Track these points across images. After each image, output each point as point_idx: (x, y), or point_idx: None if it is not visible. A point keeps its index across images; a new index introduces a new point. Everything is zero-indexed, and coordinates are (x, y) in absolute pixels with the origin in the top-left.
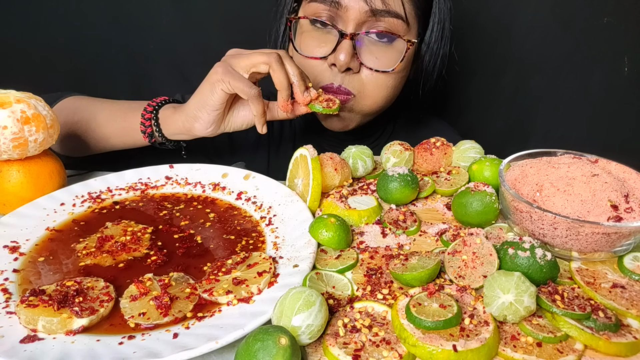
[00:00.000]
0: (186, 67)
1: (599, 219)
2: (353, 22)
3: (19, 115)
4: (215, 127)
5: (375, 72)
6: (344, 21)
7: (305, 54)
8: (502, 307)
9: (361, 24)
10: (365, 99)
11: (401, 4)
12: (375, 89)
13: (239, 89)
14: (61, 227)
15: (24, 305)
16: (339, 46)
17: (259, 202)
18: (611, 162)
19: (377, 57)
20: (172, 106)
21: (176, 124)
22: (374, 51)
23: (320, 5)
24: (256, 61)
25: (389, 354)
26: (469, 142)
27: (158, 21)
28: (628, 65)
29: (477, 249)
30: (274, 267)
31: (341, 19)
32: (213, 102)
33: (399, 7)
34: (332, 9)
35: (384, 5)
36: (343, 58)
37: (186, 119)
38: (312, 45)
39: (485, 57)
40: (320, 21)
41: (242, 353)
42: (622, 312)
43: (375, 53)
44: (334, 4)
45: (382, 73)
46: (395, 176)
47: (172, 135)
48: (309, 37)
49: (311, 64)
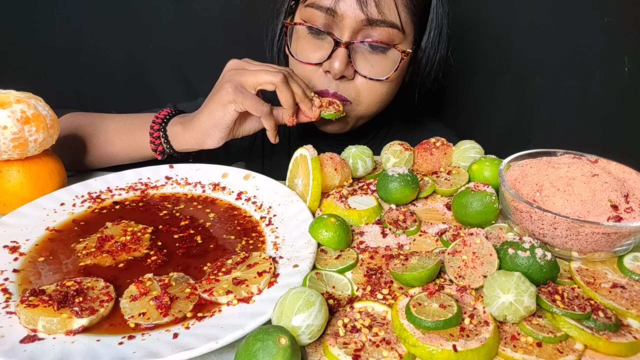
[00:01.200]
0: (186, 67)
1: (599, 219)
2: (349, 31)
3: (19, 115)
4: (226, 138)
5: (369, 80)
6: (340, 29)
7: (301, 59)
8: (502, 307)
9: (356, 32)
10: (360, 105)
11: (397, 13)
12: (369, 95)
13: (251, 108)
14: (61, 227)
15: (24, 305)
16: (334, 54)
17: (259, 202)
18: (611, 162)
19: (372, 65)
20: (179, 121)
21: (188, 141)
22: (369, 59)
23: (317, 11)
24: (263, 80)
25: (389, 354)
26: (469, 142)
27: (158, 20)
28: (628, 65)
29: (477, 249)
30: (274, 267)
31: (337, 26)
32: (226, 121)
33: (394, 16)
34: (328, 17)
35: (380, 15)
36: (337, 66)
37: (198, 137)
38: (308, 51)
39: (486, 57)
40: (316, 29)
41: (242, 353)
42: (622, 312)
43: (370, 61)
44: (330, 12)
45: (376, 81)
46: (395, 176)
47: (182, 149)
48: (304, 42)
49: (306, 69)
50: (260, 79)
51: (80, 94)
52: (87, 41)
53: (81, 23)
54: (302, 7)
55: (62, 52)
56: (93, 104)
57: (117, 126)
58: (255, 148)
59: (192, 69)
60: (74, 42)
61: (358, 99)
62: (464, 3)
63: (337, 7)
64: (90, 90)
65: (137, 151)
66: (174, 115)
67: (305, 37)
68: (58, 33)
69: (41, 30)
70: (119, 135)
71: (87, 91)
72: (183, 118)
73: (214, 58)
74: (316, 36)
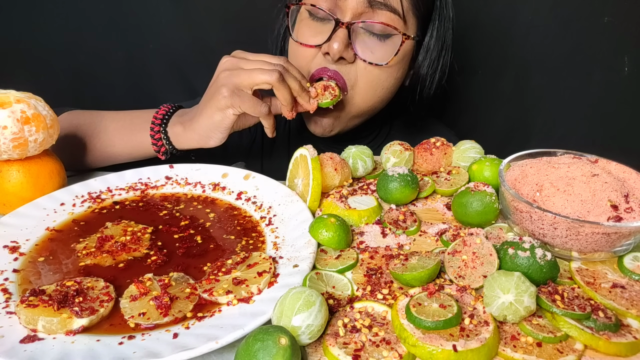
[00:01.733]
0: (185, 66)
1: (599, 219)
2: (350, 12)
3: (19, 115)
4: (227, 136)
5: (369, 66)
6: (342, 10)
7: (302, 41)
8: (502, 307)
9: (358, 15)
10: (355, 96)
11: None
12: (367, 84)
13: (250, 110)
14: (61, 227)
15: (24, 305)
16: (333, 34)
17: (259, 202)
18: (611, 162)
19: (372, 50)
20: (179, 121)
21: (190, 142)
22: (369, 44)
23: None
24: (259, 81)
25: (389, 354)
26: (469, 142)
27: (157, 20)
28: (628, 65)
29: (477, 249)
30: (274, 267)
31: (339, 8)
32: (225, 124)
33: (396, 2)
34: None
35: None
36: (337, 46)
37: (200, 138)
38: (308, 34)
39: (486, 56)
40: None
41: (242, 353)
42: (622, 312)
43: (370, 46)
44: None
45: (376, 67)
46: (395, 176)
47: (185, 148)
48: (305, 25)
49: (305, 53)
50: (256, 80)
51: (80, 93)
52: (87, 41)
53: (81, 23)
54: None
55: (62, 51)
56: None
57: (117, 126)
58: (255, 148)
59: (192, 68)
60: (74, 41)
61: (355, 87)
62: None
63: None
64: (90, 90)
65: (139, 151)
66: (173, 112)
67: (307, 20)
68: (57, 33)
69: (41, 30)
70: (119, 136)
71: (86, 91)
72: (182, 117)
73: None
74: (318, 20)
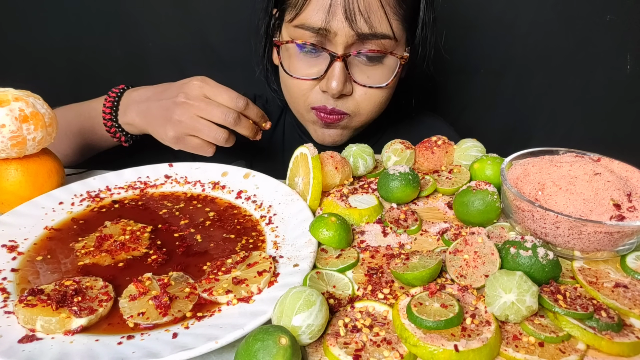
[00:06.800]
0: (185, 65)
1: (602, 218)
2: (342, 46)
3: (17, 113)
4: None
5: (369, 90)
6: (334, 45)
7: (297, 75)
8: (503, 307)
9: (349, 46)
10: (359, 116)
11: (388, 23)
12: (369, 105)
13: (208, 138)
14: (60, 226)
15: (23, 304)
16: (330, 70)
17: (259, 201)
18: (614, 161)
19: (369, 75)
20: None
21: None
22: (366, 70)
23: (307, 32)
24: (216, 119)
25: (390, 354)
26: (471, 141)
27: (157, 19)
28: (630, 63)
29: (479, 248)
30: (274, 267)
31: (330, 42)
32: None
33: (386, 27)
34: (320, 35)
35: (370, 29)
36: (335, 86)
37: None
38: (303, 68)
39: (488, 55)
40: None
41: (242, 353)
42: (625, 311)
43: (367, 72)
44: (321, 31)
45: (376, 89)
46: (397, 175)
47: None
48: (297, 59)
49: (302, 87)
50: (214, 117)
51: (79, 92)
52: (86, 39)
53: (80, 21)
54: (289, 27)
55: (61, 50)
56: None
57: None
58: (255, 147)
59: (192, 67)
60: (73, 40)
61: (357, 111)
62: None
63: (329, 26)
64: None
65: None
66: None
67: (297, 54)
68: (56, 31)
69: (40, 28)
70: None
71: (85, 89)
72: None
73: (214, 56)
74: (309, 53)
